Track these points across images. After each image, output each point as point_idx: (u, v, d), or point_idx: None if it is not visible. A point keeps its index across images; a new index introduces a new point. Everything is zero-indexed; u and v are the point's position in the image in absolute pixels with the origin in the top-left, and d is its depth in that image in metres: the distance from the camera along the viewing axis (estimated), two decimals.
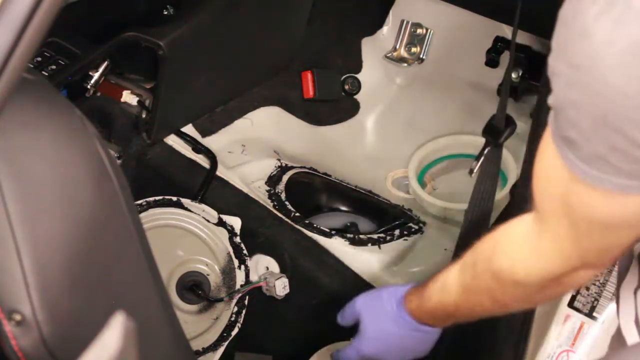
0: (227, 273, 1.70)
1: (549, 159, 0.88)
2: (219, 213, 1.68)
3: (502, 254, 1.06)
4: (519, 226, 1.04)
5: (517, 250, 1.04)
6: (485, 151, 1.49)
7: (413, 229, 1.80)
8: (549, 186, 0.92)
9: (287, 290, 1.68)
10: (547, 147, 0.87)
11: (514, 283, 1.06)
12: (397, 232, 1.78)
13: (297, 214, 1.76)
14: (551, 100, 0.81)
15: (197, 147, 1.78)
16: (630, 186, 0.81)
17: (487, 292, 1.11)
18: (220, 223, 1.69)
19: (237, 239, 1.69)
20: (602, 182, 0.82)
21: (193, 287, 1.70)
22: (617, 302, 1.08)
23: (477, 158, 1.52)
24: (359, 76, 2.06)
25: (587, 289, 1.49)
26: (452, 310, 1.20)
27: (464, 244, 1.48)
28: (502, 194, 1.74)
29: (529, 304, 1.15)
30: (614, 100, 0.75)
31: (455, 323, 1.26)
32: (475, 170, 1.48)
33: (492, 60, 1.92)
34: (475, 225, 1.48)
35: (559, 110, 0.82)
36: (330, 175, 1.90)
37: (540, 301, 1.14)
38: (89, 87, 1.66)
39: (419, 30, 2.01)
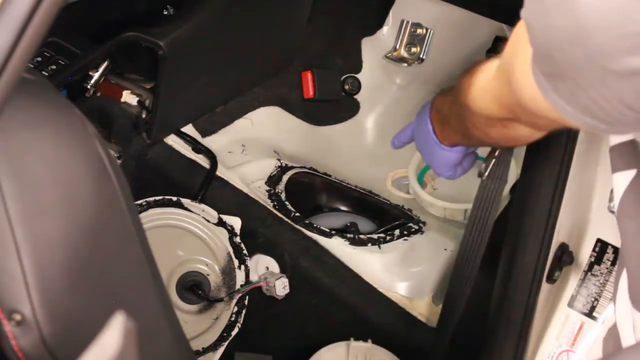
0: (227, 273, 1.70)
1: (522, 36, 0.90)
2: (219, 213, 1.68)
3: (474, 74, 1.17)
4: (494, 62, 1.12)
5: (480, 76, 1.15)
6: (496, 152, 1.48)
7: (413, 229, 1.80)
8: (515, 45, 0.98)
9: (287, 290, 1.68)
10: (521, 35, 0.91)
11: (470, 103, 1.17)
12: (397, 232, 1.78)
13: (297, 214, 1.76)
14: (522, 11, 0.84)
15: (197, 147, 1.78)
16: (564, 109, 0.85)
17: (459, 104, 1.22)
18: (220, 223, 1.69)
19: (237, 239, 1.69)
20: (547, 95, 0.86)
21: (193, 287, 1.70)
22: (615, 295, 1.09)
23: (487, 160, 1.52)
24: (359, 76, 2.06)
25: (587, 289, 1.49)
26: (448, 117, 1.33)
27: (467, 244, 1.48)
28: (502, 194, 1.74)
29: (482, 131, 1.23)
30: (563, 38, 0.78)
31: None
32: (485, 173, 1.47)
33: None
34: (480, 226, 1.48)
35: (526, 23, 0.85)
36: (330, 175, 1.91)
37: (492, 134, 1.21)
38: (89, 87, 1.66)
39: (419, 30, 2.01)
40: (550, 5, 0.79)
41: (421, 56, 2.02)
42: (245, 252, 1.69)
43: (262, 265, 1.72)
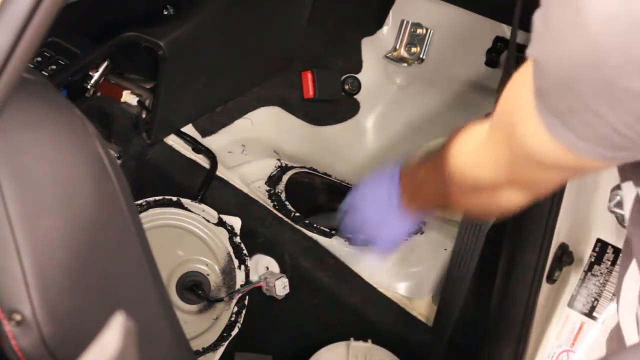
0: (227, 273, 1.70)
1: (523, 79, 0.90)
2: (219, 213, 1.68)
3: (458, 140, 1.13)
4: (481, 125, 1.09)
5: (467, 142, 1.11)
6: None
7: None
8: (510, 102, 0.96)
9: (287, 290, 1.68)
10: (527, 69, 0.90)
11: (456, 171, 1.13)
12: None
13: (297, 214, 1.76)
14: (528, 50, 0.85)
15: (197, 147, 1.78)
16: (577, 145, 0.84)
17: (442, 171, 1.18)
18: (220, 223, 1.69)
19: (237, 239, 1.69)
20: (557, 135, 0.85)
21: (193, 287, 1.70)
22: (618, 296, 1.09)
23: None
24: (359, 76, 2.06)
25: (587, 289, 1.49)
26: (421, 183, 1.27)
27: (463, 244, 1.49)
28: None
29: (464, 201, 1.18)
30: (580, 67, 0.78)
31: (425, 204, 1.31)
32: None
33: (492, 60, 1.92)
34: (475, 226, 1.48)
35: (533, 60, 0.85)
36: (330, 175, 1.91)
37: (476, 204, 1.17)
38: (89, 87, 1.66)
39: (419, 30, 2.01)
40: (562, 34, 0.79)
41: (421, 56, 2.02)
42: (245, 252, 1.69)
43: (262, 265, 1.72)
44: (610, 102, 0.79)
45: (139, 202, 1.64)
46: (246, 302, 1.71)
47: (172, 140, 1.77)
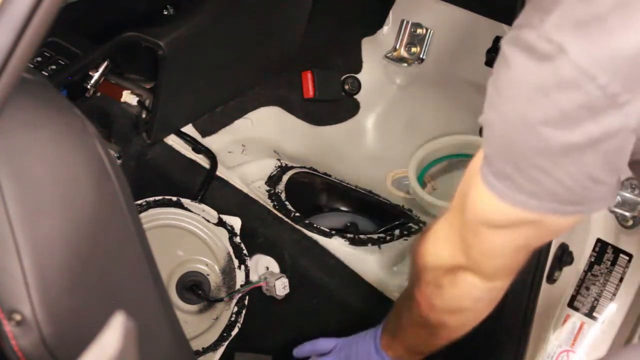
0: (227, 273, 1.70)
1: (479, 155, 0.97)
2: (219, 213, 1.68)
3: (425, 235, 1.17)
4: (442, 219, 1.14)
5: (431, 232, 1.15)
6: None
7: (413, 229, 1.80)
8: (466, 175, 1.02)
9: (287, 290, 1.68)
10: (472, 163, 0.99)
11: (420, 264, 1.16)
12: (397, 232, 1.78)
13: (297, 214, 1.76)
14: (480, 118, 0.92)
15: (197, 147, 1.78)
16: (528, 204, 0.91)
17: (414, 281, 1.20)
18: (220, 223, 1.69)
19: (237, 239, 1.69)
20: (505, 196, 0.92)
21: (193, 287, 1.70)
22: None
23: None
24: (359, 76, 2.06)
25: (587, 289, 1.49)
26: (401, 332, 1.32)
27: None
28: None
29: (430, 302, 1.20)
30: (520, 128, 0.86)
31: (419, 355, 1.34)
32: None
33: (492, 60, 1.91)
34: None
35: (483, 127, 0.93)
36: (330, 175, 1.91)
37: (440, 297, 1.18)
38: (89, 87, 1.66)
39: (419, 30, 2.01)
40: (502, 97, 0.87)
41: (421, 56, 2.02)
42: (245, 252, 1.69)
43: (262, 265, 1.72)
44: (552, 156, 0.86)
45: (139, 202, 1.64)
46: (246, 302, 1.71)
47: (172, 140, 1.77)
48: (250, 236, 1.71)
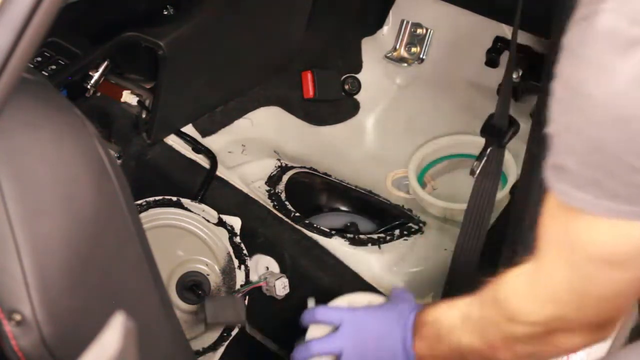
0: (227, 273, 1.70)
1: (548, 204, 0.87)
2: (219, 213, 1.68)
3: (503, 283, 1.03)
4: (522, 266, 1.00)
5: (516, 283, 1.00)
6: (487, 151, 1.49)
7: (413, 229, 1.80)
8: (548, 228, 0.91)
9: (287, 290, 1.68)
10: (549, 196, 0.87)
11: (508, 318, 1.01)
12: (397, 232, 1.78)
13: (297, 214, 1.76)
14: (549, 127, 0.82)
15: (197, 147, 1.78)
16: (627, 212, 0.80)
17: (492, 326, 1.05)
18: (220, 223, 1.69)
19: (237, 239, 1.69)
20: (598, 207, 0.81)
21: (193, 287, 1.70)
22: None
23: (479, 158, 1.52)
24: (359, 76, 2.06)
25: None
26: (461, 351, 1.12)
27: (463, 244, 1.48)
28: (502, 194, 1.74)
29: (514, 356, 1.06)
30: (612, 126, 0.76)
31: None
32: (477, 171, 1.47)
33: (492, 60, 1.92)
34: (475, 226, 1.48)
35: (555, 136, 0.82)
36: (330, 175, 1.90)
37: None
38: (89, 87, 1.66)
39: (419, 30, 2.01)
40: (581, 97, 0.77)
41: (421, 56, 2.02)
42: (245, 252, 1.69)
43: (262, 265, 1.72)
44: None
45: (139, 202, 1.64)
46: (246, 302, 1.70)
47: (172, 140, 1.77)
48: (250, 236, 1.71)
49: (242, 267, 1.69)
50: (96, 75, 1.66)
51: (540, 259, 0.94)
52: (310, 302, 1.51)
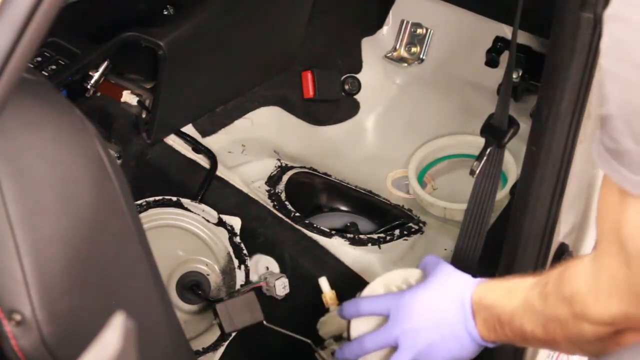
0: (227, 273, 1.70)
1: (604, 190, 0.80)
2: (219, 213, 1.68)
3: (568, 277, 0.96)
4: (587, 257, 0.93)
5: (580, 279, 0.93)
6: (487, 151, 1.49)
7: (413, 229, 1.80)
8: (603, 218, 0.84)
9: (287, 290, 1.68)
10: (604, 182, 0.80)
11: (577, 316, 0.94)
12: (397, 232, 1.78)
13: (297, 214, 1.76)
14: (603, 109, 0.75)
15: (197, 147, 1.78)
16: None
17: (557, 322, 0.99)
18: (220, 223, 1.69)
19: (237, 239, 1.69)
20: None
21: (193, 287, 1.70)
22: None
23: (479, 158, 1.52)
24: (359, 76, 2.06)
25: None
26: (525, 335, 1.06)
27: (463, 244, 1.48)
28: (502, 194, 1.74)
29: (581, 350, 1.01)
30: None
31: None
32: (477, 171, 1.47)
33: (492, 60, 1.92)
34: (475, 226, 1.48)
35: (611, 118, 0.75)
36: (330, 175, 1.90)
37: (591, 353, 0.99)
38: (89, 87, 1.66)
39: (419, 30, 2.01)
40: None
41: (421, 56, 2.02)
42: (245, 252, 1.69)
43: (262, 265, 1.72)
44: None
45: (139, 202, 1.64)
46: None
47: (172, 140, 1.77)
48: (250, 236, 1.71)
49: (242, 267, 1.69)
50: (96, 75, 1.66)
51: (599, 252, 0.88)
52: (322, 281, 1.47)
